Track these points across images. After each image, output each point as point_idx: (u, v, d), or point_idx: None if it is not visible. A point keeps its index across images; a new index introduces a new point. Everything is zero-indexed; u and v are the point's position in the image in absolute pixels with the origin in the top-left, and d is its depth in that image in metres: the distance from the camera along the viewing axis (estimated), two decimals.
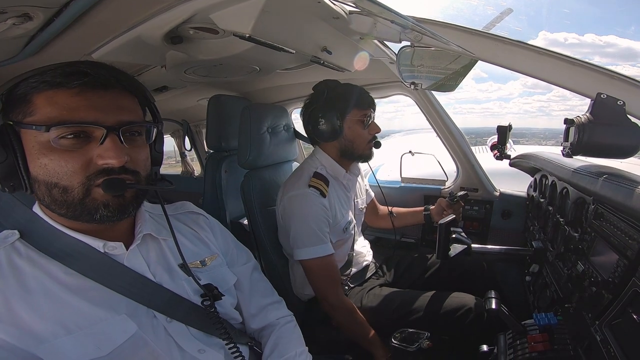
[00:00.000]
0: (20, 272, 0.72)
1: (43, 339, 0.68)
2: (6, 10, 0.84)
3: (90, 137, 0.72)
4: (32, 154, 0.71)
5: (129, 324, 0.76)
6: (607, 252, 0.90)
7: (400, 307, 1.55)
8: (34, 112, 0.71)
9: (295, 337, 1.07)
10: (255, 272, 1.12)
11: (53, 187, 0.72)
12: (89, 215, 0.74)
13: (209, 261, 0.97)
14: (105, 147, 0.72)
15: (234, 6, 1.00)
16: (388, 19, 1.07)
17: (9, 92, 0.73)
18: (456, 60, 1.18)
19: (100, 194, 0.73)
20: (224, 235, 1.09)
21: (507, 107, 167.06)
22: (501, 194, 2.15)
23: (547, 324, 1.03)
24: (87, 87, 0.72)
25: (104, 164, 0.72)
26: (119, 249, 0.82)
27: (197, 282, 0.88)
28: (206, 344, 0.87)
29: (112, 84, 0.75)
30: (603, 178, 0.95)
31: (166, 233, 0.91)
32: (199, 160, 3.65)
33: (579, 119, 0.94)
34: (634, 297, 0.75)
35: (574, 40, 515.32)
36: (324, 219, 1.53)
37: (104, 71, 0.74)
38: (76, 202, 0.73)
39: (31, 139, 0.71)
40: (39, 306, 0.70)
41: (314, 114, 1.60)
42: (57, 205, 0.74)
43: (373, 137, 1.65)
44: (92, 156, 0.72)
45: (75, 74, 0.71)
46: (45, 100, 0.71)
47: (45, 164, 0.71)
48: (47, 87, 0.71)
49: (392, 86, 2.11)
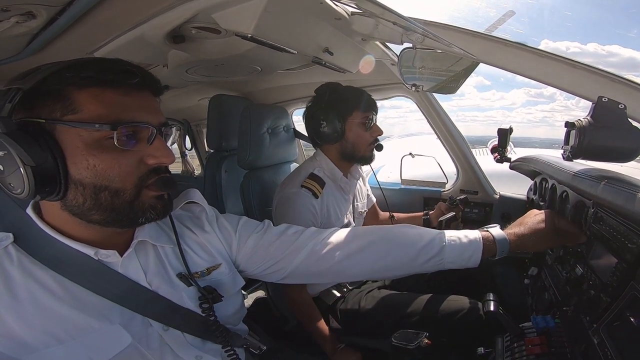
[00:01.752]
0: (10, 279, 0.69)
1: (33, 348, 0.65)
2: (10, 9, 0.84)
3: (137, 137, 0.71)
4: (77, 155, 0.67)
5: (123, 334, 0.74)
6: (606, 256, 0.90)
7: (398, 309, 1.55)
8: (78, 109, 0.66)
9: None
10: (267, 236, 1.02)
11: (102, 190, 0.68)
12: (134, 219, 0.73)
13: (209, 272, 0.93)
14: (156, 146, 0.72)
15: (236, 6, 1.00)
16: (390, 21, 1.07)
17: (35, 86, 0.67)
18: (458, 63, 1.18)
19: (148, 197, 0.73)
20: (223, 227, 1.01)
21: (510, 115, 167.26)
22: (501, 197, 2.15)
23: (545, 327, 1.03)
24: (133, 88, 0.71)
25: (155, 164, 0.72)
26: (113, 257, 0.78)
27: (198, 287, 0.86)
28: (202, 350, 0.86)
29: (150, 86, 0.76)
30: (603, 182, 0.95)
31: (166, 239, 0.89)
32: (199, 160, 3.66)
33: (579, 122, 0.94)
34: (632, 301, 0.75)
35: (575, 49, 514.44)
36: (309, 220, 1.53)
37: (145, 73, 0.75)
38: (125, 205, 0.71)
39: (74, 139, 0.66)
40: (28, 315, 0.67)
41: (316, 117, 1.61)
42: (100, 209, 0.70)
43: (375, 139, 1.66)
44: (142, 156, 0.72)
45: (124, 73, 0.70)
46: (91, 97, 0.67)
47: (95, 165, 0.67)
48: (92, 83, 0.67)
49: (394, 88, 2.11)
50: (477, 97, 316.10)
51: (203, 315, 0.85)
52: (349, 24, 1.20)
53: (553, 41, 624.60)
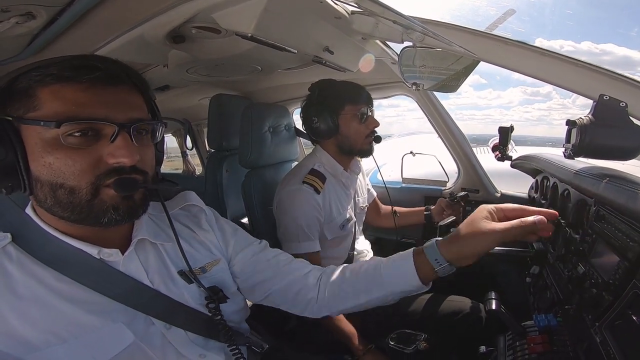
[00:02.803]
0: (10, 277, 0.68)
1: (35, 347, 0.65)
2: (10, 9, 0.84)
3: (99, 134, 0.68)
4: (35, 152, 0.66)
5: (126, 333, 0.73)
6: (607, 254, 0.90)
7: (398, 308, 1.55)
8: (39, 107, 0.66)
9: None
10: (263, 253, 1.05)
11: (58, 188, 0.67)
12: (96, 218, 0.70)
13: (210, 267, 0.93)
14: (116, 145, 0.68)
15: (236, 6, 1.00)
16: (390, 19, 1.07)
17: (8, 85, 0.68)
18: (458, 61, 1.18)
19: (109, 196, 0.69)
20: (222, 229, 1.03)
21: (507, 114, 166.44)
22: (502, 195, 2.15)
23: (547, 326, 1.03)
24: (96, 82, 0.67)
25: (115, 163, 0.68)
26: (115, 256, 0.77)
27: (202, 285, 0.85)
28: (205, 348, 0.86)
29: (122, 80, 0.71)
30: (605, 180, 0.95)
31: (165, 237, 0.88)
32: (200, 160, 3.66)
33: (580, 121, 0.93)
34: (634, 299, 0.75)
35: (569, 47, 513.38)
36: (314, 216, 1.54)
37: (114, 66, 0.71)
38: (83, 203, 0.68)
39: (34, 136, 0.66)
40: (30, 314, 0.67)
41: (309, 113, 1.62)
42: (61, 207, 0.69)
43: (372, 131, 1.66)
44: (101, 154, 0.68)
45: (84, 67, 0.67)
46: (51, 94, 0.66)
47: (50, 163, 0.66)
48: (54, 80, 0.66)
49: (394, 86, 2.11)
50: (475, 95, 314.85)
51: (208, 314, 0.86)
52: (349, 22, 1.20)
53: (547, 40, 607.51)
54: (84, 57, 0.70)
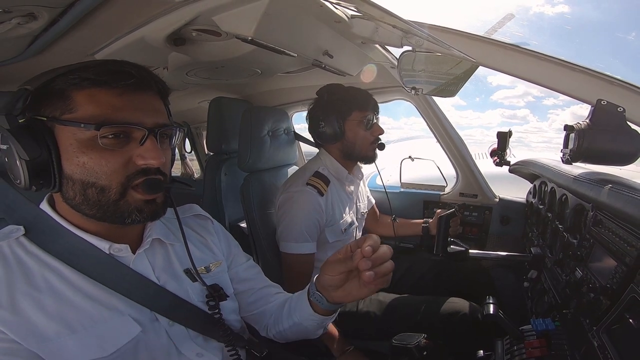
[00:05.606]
0: (26, 267, 0.71)
1: (46, 337, 0.67)
2: (11, 10, 0.84)
3: (129, 137, 0.73)
4: (69, 152, 0.70)
5: (133, 324, 0.76)
6: (605, 259, 0.91)
7: (397, 312, 1.55)
8: (75, 109, 0.70)
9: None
10: (254, 269, 1.12)
11: (90, 187, 0.71)
12: (121, 218, 0.74)
13: (213, 267, 0.98)
14: (146, 147, 0.73)
15: (236, 9, 1.00)
16: (390, 24, 1.08)
17: (43, 86, 0.73)
18: (457, 66, 1.19)
19: (134, 199, 0.74)
20: (227, 239, 1.09)
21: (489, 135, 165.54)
22: (500, 200, 2.15)
23: (544, 330, 1.03)
24: (129, 88, 0.73)
25: (144, 164, 0.73)
26: (125, 251, 0.81)
27: (203, 282, 0.89)
28: (204, 347, 0.88)
29: (150, 86, 0.77)
30: (602, 185, 0.96)
31: (173, 238, 0.93)
32: (198, 163, 3.66)
33: (578, 125, 0.94)
34: (632, 303, 0.75)
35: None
36: (315, 218, 1.55)
37: (145, 72, 0.76)
38: (110, 203, 0.73)
39: (69, 137, 0.70)
40: (46, 304, 0.69)
41: (316, 117, 1.64)
42: (88, 205, 0.73)
43: (376, 138, 1.68)
44: (131, 156, 0.73)
45: (120, 73, 0.72)
46: (87, 97, 0.70)
47: (84, 163, 0.70)
48: (90, 84, 0.70)
49: (393, 91, 2.12)
50: (457, 115, 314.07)
51: (208, 312, 0.88)
52: (348, 27, 1.21)
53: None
54: (119, 63, 0.75)
